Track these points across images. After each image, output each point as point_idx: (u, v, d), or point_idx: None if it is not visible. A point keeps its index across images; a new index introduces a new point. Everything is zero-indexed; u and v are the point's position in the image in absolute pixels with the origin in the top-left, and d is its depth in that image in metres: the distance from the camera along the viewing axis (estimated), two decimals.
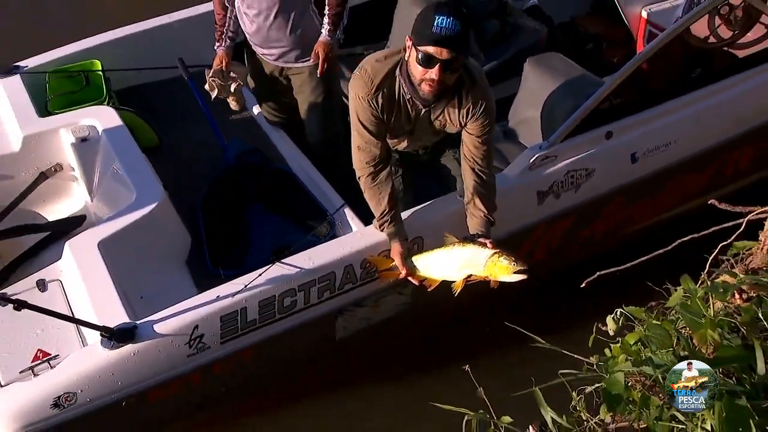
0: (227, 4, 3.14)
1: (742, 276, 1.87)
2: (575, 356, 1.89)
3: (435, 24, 2.27)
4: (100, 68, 3.53)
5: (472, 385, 1.97)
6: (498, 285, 2.50)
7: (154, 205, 2.87)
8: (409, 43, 2.38)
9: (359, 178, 2.62)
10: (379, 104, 2.50)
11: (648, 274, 2.14)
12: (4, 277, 3.02)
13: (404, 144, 2.78)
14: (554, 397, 1.77)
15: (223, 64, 3.16)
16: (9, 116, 3.27)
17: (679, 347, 1.76)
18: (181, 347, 2.52)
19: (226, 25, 3.16)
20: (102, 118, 3.23)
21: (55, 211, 3.31)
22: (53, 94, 3.46)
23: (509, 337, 2.25)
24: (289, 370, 2.92)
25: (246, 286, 2.55)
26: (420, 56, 2.32)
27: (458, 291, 2.52)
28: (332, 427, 3.00)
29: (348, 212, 2.91)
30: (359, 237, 2.75)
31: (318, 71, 3.06)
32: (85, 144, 3.16)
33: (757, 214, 2.35)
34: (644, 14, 3.78)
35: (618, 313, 1.93)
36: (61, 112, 3.32)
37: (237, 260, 2.96)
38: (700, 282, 2.17)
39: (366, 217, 2.79)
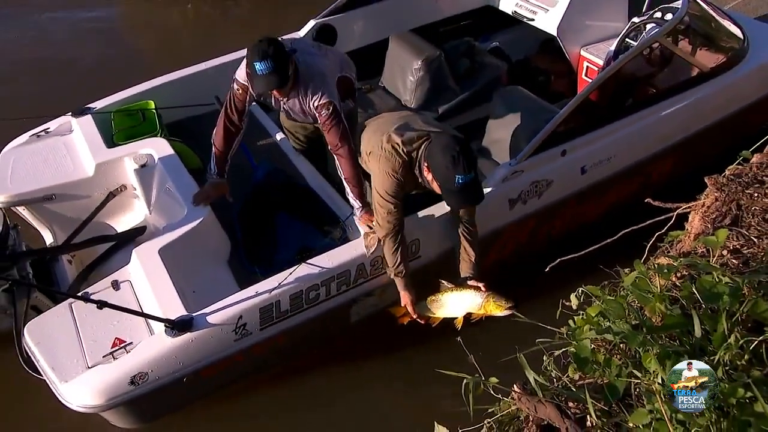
0: (231, 139, 2.82)
1: (679, 260, 1.89)
2: (549, 328, 1.89)
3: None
4: (154, 107, 3.54)
5: (464, 354, 2.00)
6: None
7: (201, 218, 2.86)
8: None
9: (383, 237, 2.56)
10: (404, 178, 2.48)
11: (600, 258, 2.18)
12: (84, 278, 3.02)
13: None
14: (530, 364, 1.76)
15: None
16: (83, 148, 3.27)
17: (631, 318, 1.79)
18: (229, 334, 2.51)
19: (230, 155, 2.88)
20: (157, 147, 3.23)
21: (121, 222, 3.30)
22: (117, 129, 3.47)
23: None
24: (312, 347, 2.92)
25: (279, 283, 2.55)
26: None
27: (460, 326, 2.55)
28: (351, 391, 2.98)
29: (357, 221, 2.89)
30: (360, 244, 2.73)
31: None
32: (144, 169, 3.16)
33: (683, 208, 2.41)
34: (583, 53, 3.83)
35: (579, 291, 1.93)
36: (125, 144, 3.33)
37: (268, 259, 2.95)
38: (643, 261, 2.22)
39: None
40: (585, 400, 1.58)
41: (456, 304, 2.58)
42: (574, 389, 1.69)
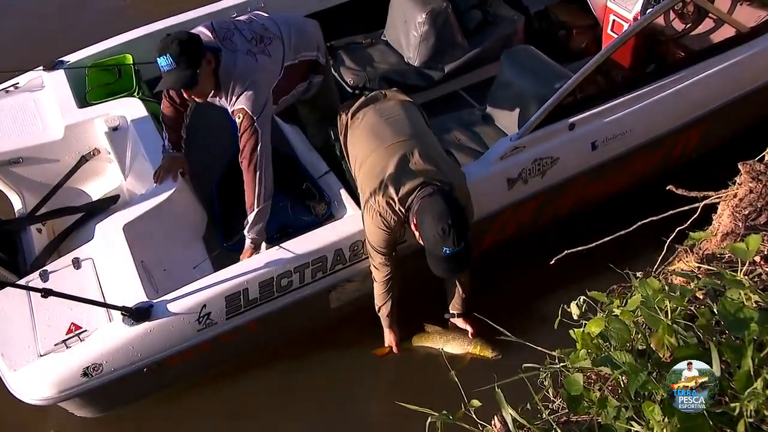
0: (179, 115, 2.61)
1: (696, 281, 1.55)
2: (539, 349, 1.63)
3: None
4: (131, 61, 3.24)
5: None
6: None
7: (172, 190, 2.60)
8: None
9: (375, 282, 2.49)
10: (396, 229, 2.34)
11: (611, 251, 1.93)
12: (53, 249, 2.79)
13: None
14: (518, 387, 1.53)
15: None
16: (53, 107, 3.02)
17: (638, 341, 1.49)
18: (192, 323, 2.30)
19: (183, 129, 2.65)
20: (130, 109, 2.96)
21: (95, 188, 3.07)
22: (91, 86, 3.18)
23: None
24: (290, 333, 2.70)
25: (247, 269, 2.33)
26: None
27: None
28: (336, 372, 2.76)
29: (344, 194, 2.63)
30: (346, 224, 2.49)
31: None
32: (116, 132, 2.90)
33: (711, 199, 2.07)
34: (609, 4, 3.38)
35: (581, 300, 1.67)
36: (97, 103, 3.06)
37: (235, 232, 2.69)
38: (657, 266, 1.92)
39: (358, 200, 2.48)
40: None
41: (442, 347, 2.65)
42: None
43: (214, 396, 2.65)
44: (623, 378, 1.37)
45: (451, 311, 2.68)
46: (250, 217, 2.43)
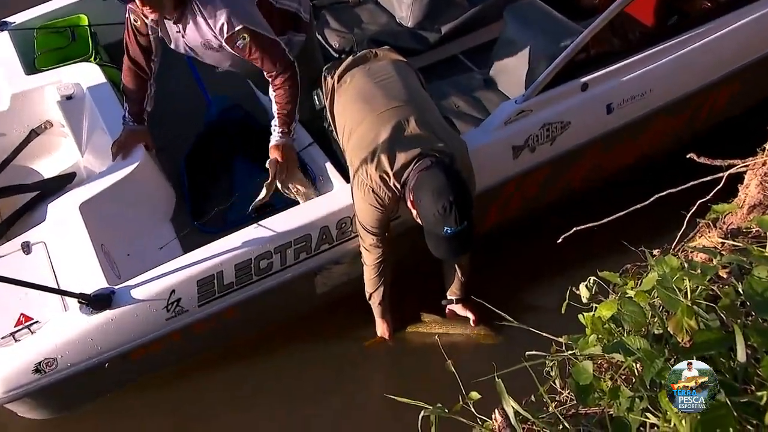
0: (142, 84, 2.56)
1: (719, 257, 1.54)
2: (545, 335, 1.63)
3: None
4: (87, 23, 3.19)
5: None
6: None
7: (134, 166, 2.57)
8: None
9: (366, 265, 2.49)
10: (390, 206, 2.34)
11: (625, 227, 1.91)
12: (2, 233, 2.75)
13: None
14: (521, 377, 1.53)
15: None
16: None
17: (654, 325, 1.48)
18: (159, 311, 2.28)
19: (147, 101, 2.60)
20: (86, 75, 2.92)
21: (48, 166, 3.02)
22: (41, 51, 3.14)
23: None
24: (272, 322, 2.70)
25: (222, 250, 2.31)
26: None
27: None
28: (323, 364, 2.77)
29: (330, 168, 2.61)
30: (333, 199, 2.47)
31: (269, 181, 2.44)
32: (70, 102, 2.86)
33: (737, 168, 2.04)
34: None
35: (591, 281, 1.66)
36: (48, 69, 3.01)
37: (220, 216, 2.69)
38: (675, 243, 1.91)
39: (346, 174, 2.48)
40: None
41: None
42: (569, 427, 1.39)
43: (190, 389, 2.66)
44: (637, 365, 1.36)
45: (449, 297, 2.69)
46: (282, 117, 2.40)
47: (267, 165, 2.43)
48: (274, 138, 2.43)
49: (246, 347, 2.73)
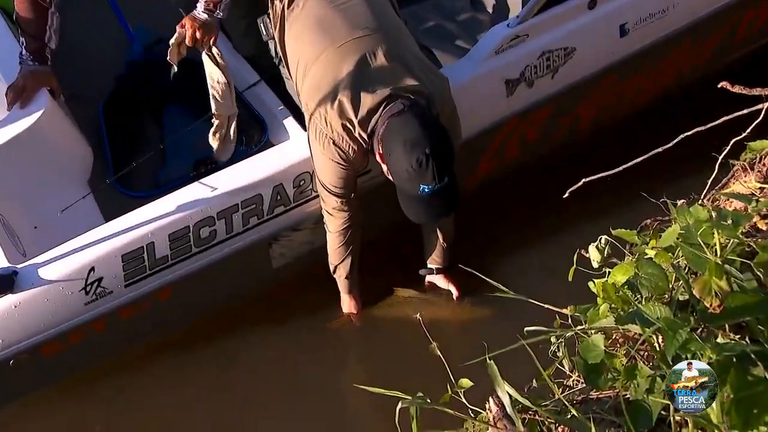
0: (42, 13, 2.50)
1: (758, 201, 1.55)
2: (547, 306, 1.63)
3: None
4: None
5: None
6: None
7: (38, 115, 2.51)
8: None
9: (331, 232, 2.51)
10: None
11: (645, 176, 1.94)
12: None
13: None
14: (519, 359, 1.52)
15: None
16: None
17: (678, 290, 1.48)
18: (76, 295, 2.27)
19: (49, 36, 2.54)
20: None
21: None
22: None
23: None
24: (218, 304, 2.71)
25: (152, 217, 2.30)
26: None
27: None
28: (281, 351, 2.79)
29: (283, 111, 2.61)
30: (288, 151, 2.47)
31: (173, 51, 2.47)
32: None
33: None
34: None
35: (603, 240, 1.67)
36: None
37: (149, 176, 2.69)
38: (705, 192, 1.92)
39: (303, 120, 2.47)
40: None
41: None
42: (578, 415, 1.40)
43: (123, 389, 2.67)
44: (658, 338, 1.37)
45: (429, 266, 2.72)
46: None
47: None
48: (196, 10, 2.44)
49: (187, 337, 2.73)
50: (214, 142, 2.59)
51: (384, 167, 2.25)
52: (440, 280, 2.74)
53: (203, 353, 2.72)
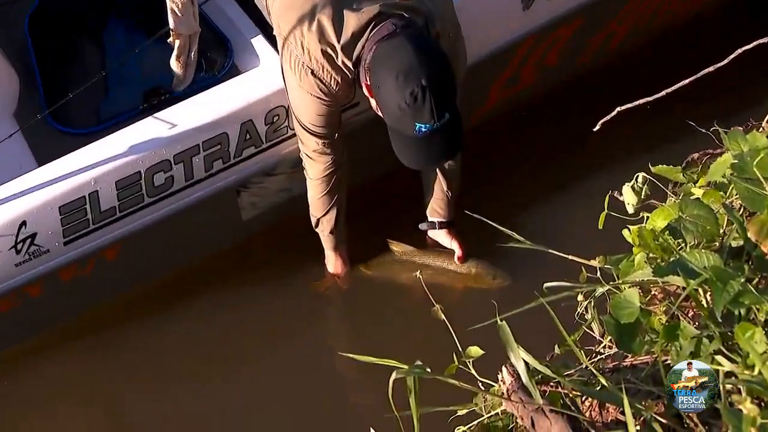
0: None
1: None
2: (571, 258, 1.63)
3: None
4: None
5: None
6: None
7: None
8: None
9: (311, 180, 2.54)
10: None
11: (690, 102, 1.98)
12: None
13: None
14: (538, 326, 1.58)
15: None
16: None
17: (730, 235, 1.50)
18: (5, 254, 2.30)
19: None
20: None
21: None
22: None
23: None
24: (178, 263, 2.76)
25: (95, 161, 2.31)
26: None
27: None
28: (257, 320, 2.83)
29: (252, 31, 2.62)
30: (259, 80, 2.48)
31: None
32: None
33: None
34: None
35: (640, 178, 1.71)
36: None
37: (90, 110, 2.67)
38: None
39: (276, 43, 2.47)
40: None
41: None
42: (608, 385, 1.41)
43: (90, 364, 2.72)
44: (705, 292, 1.38)
45: (430, 219, 2.74)
46: None
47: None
48: None
49: (145, 304, 2.77)
50: (178, 68, 2.57)
51: (373, 102, 2.25)
52: (443, 237, 2.75)
53: (159, 323, 2.77)
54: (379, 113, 2.25)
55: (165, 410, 2.66)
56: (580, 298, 1.67)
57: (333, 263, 2.75)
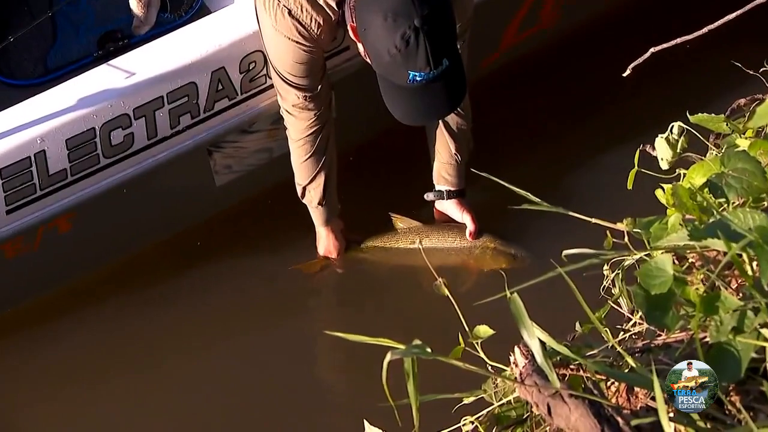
0: None
1: None
2: (593, 221, 1.63)
3: None
4: None
5: None
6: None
7: None
8: None
9: (293, 140, 2.55)
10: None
11: (735, 40, 1.99)
12: None
13: None
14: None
15: None
16: None
17: None
18: None
19: None
20: None
21: None
22: None
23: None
24: (142, 238, 2.77)
25: (41, 116, 2.32)
26: None
27: None
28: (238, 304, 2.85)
29: None
30: (232, 21, 2.48)
31: None
32: None
33: None
34: None
35: (676, 128, 1.70)
36: None
37: (36, 57, 2.67)
38: None
39: None
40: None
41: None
42: (637, 366, 1.41)
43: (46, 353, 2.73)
44: (750, 258, 1.39)
45: (437, 187, 2.73)
46: None
47: None
48: None
49: (107, 285, 2.78)
50: (138, 8, 2.56)
51: (360, 47, 2.26)
52: (452, 208, 2.74)
53: (147, 294, 2.80)
54: (368, 60, 2.26)
55: (148, 401, 2.68)
56: (605, 269, 1.68)
57: (324, 243, 2.76)
